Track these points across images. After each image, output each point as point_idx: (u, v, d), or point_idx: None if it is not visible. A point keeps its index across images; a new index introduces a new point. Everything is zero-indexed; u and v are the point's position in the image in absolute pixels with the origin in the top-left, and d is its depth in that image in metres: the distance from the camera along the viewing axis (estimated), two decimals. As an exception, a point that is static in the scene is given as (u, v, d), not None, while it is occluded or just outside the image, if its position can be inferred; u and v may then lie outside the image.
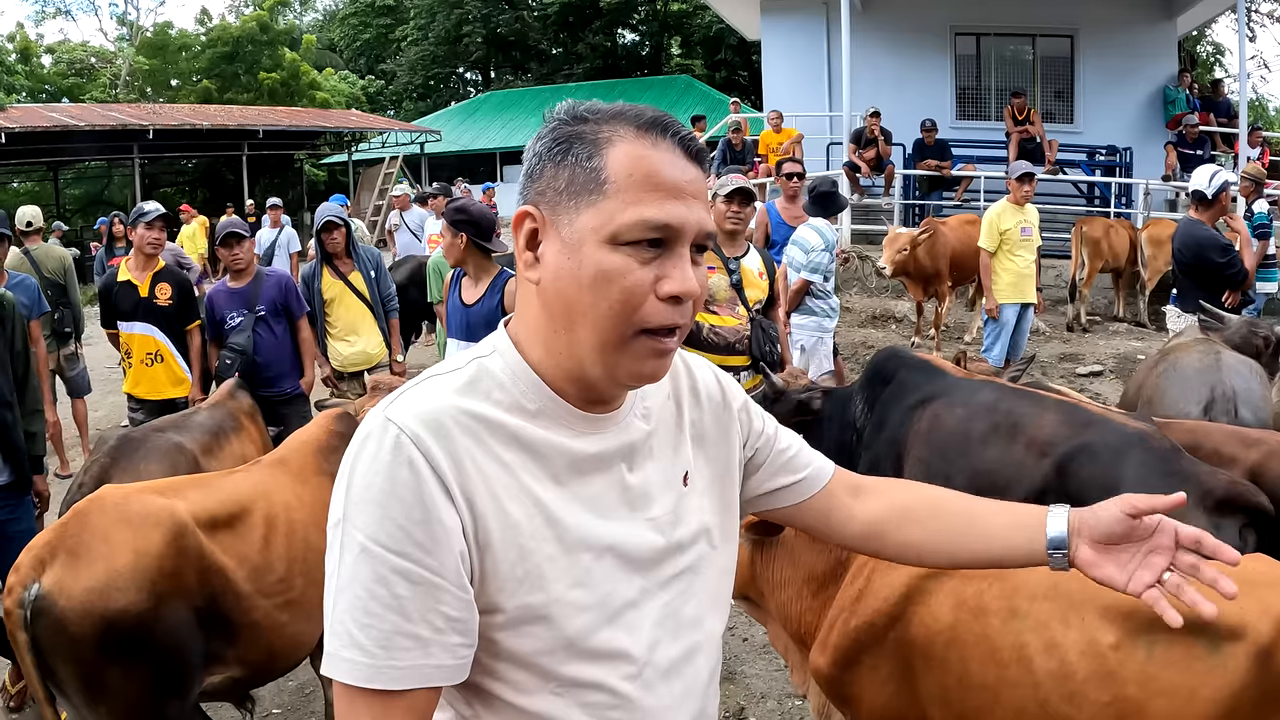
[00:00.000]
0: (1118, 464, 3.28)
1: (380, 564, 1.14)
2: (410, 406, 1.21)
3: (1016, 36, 16.48)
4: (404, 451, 1.16)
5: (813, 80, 16.55)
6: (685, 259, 1.22)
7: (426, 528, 1.15)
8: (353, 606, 1.14)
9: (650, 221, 1.19)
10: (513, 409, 1.26)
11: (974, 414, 3.77)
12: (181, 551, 3.10)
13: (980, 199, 14.20)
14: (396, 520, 1.14)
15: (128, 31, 42.75)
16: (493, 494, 1.20)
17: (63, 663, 2.95)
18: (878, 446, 4.10)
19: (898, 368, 4.23)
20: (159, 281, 5.98)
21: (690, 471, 1.43)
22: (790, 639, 2.98)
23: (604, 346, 1.22)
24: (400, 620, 1.14)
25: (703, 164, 1.27)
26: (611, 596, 1.27)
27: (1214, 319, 5.62)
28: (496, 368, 1.29)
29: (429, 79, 42.03)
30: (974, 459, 3.66)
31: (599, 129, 1.24)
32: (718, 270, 5.09)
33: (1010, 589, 2.38)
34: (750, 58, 31.85)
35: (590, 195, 1.21)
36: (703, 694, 1.41)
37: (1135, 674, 2.17)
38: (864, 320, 12.69)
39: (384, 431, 1.18)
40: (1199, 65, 28.66)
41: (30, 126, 23.89)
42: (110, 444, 4.38)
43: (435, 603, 1.15)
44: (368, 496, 1.15)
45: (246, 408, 5.04)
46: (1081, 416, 3.56)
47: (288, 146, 31.58)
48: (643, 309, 1.20)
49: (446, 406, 1.22)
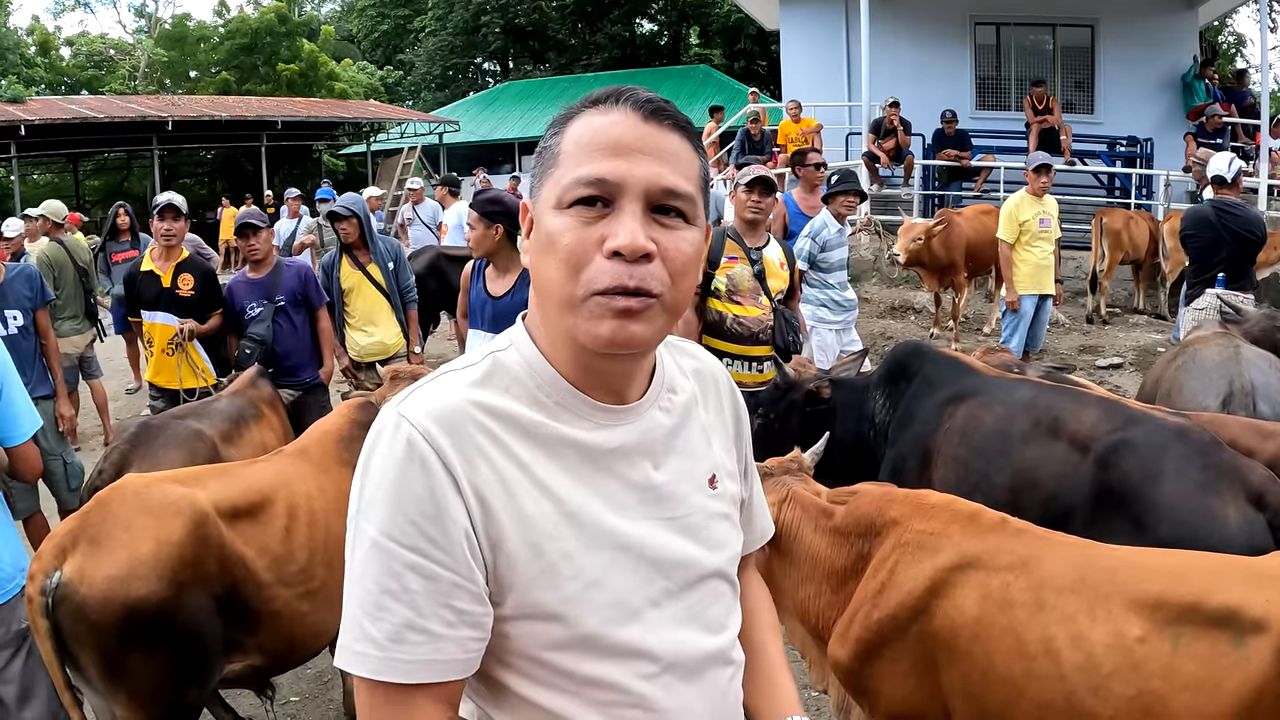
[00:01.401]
0: (1159, 457, 3.26)
1: (392, 558, 1.15)
2: (424, 403, 1.21)
3: (1036, 26, 16.35)
4: (416, 448, 1.17)
5: (832, 70, 16.46)
6: (628, 214, 1.19)
7: (438, 523, 1.15)
8: (364, 600, 1.16)
9: (584, 178, 1.19)
10: (530, 403, 1.26)
11: (1013, 412, 3.71)
12: (203, 540, 3.11)
13: (1000, 189, 14.13)
14: (409, 515, 1.15)
15: (146, 23, 42.97)
16: (507, 491, 1.20)
17: (83, 650, 2.97)
18: (902, 444, 4.05)
19: (922, 363, 4.17)
20: (181, 272, 5.99)
21: (719, 475, 1.41)
22: (808, 634, 2.97)
23: (562, 312, 1.22)
24: (412, 614, 1.15)
25: (665, 121, 1.24)
26: (630, 596, 1.26)
27: (1233, 311, 5.58)
28: (512, 361, 1.28)
29: (447, 69, 42.02)
30: (1015, 458, 3.61)
31: (569, 113, 1.26)
32: (740, 260, 5.10)
33: (1036, 582, 2.37)
34: (769, 47, 31.72)
35: (548, 171, 1.25)
36: (724, 697, 1.38)
37: (1161, 667, 2.16)
38: (883, 311, 12.64)
39: (397, 428, 1.19)
40: (1220, 56, 28.41)
41: (50, 119, 24.04)
42: (130, 431, 4.41)
43: (447, 597, 1.16)
44: (380, 492, 1.16)
45: (267, 396, 5.06)
46: (1121, 412, 3.53)
47: (306, 137, 31.68)
48: (588, 269, 1.18)
49: (460, 402, 1.22)
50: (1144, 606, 2.23)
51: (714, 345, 5.16)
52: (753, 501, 1.59)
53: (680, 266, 1.22)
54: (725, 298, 5.11)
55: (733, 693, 1.40)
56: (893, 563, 2.61)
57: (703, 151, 1.31)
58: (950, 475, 3.79)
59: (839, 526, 2.82)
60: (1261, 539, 2.96)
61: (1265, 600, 2.14)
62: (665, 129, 1.23)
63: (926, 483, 3.85)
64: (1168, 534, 3.06)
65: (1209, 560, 2.43)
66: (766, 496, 2.93)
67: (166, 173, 29.95)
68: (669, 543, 1.31)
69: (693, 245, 1.24)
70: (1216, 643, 2.14)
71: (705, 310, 5.15)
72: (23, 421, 3.21)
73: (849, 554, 2.77)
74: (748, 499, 1.56)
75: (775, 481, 3.02)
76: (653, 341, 1.24)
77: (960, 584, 2.47)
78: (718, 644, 1.36)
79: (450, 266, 9.58)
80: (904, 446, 4.05)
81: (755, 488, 1.60)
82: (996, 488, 3.60)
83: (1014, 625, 2.35)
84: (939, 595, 2.49)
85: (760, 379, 5.18)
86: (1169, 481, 3.18)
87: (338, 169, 35.75)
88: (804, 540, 2.86)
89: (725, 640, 1.38)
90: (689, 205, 1.23)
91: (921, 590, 2.52)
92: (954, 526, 2.58)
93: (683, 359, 1.46)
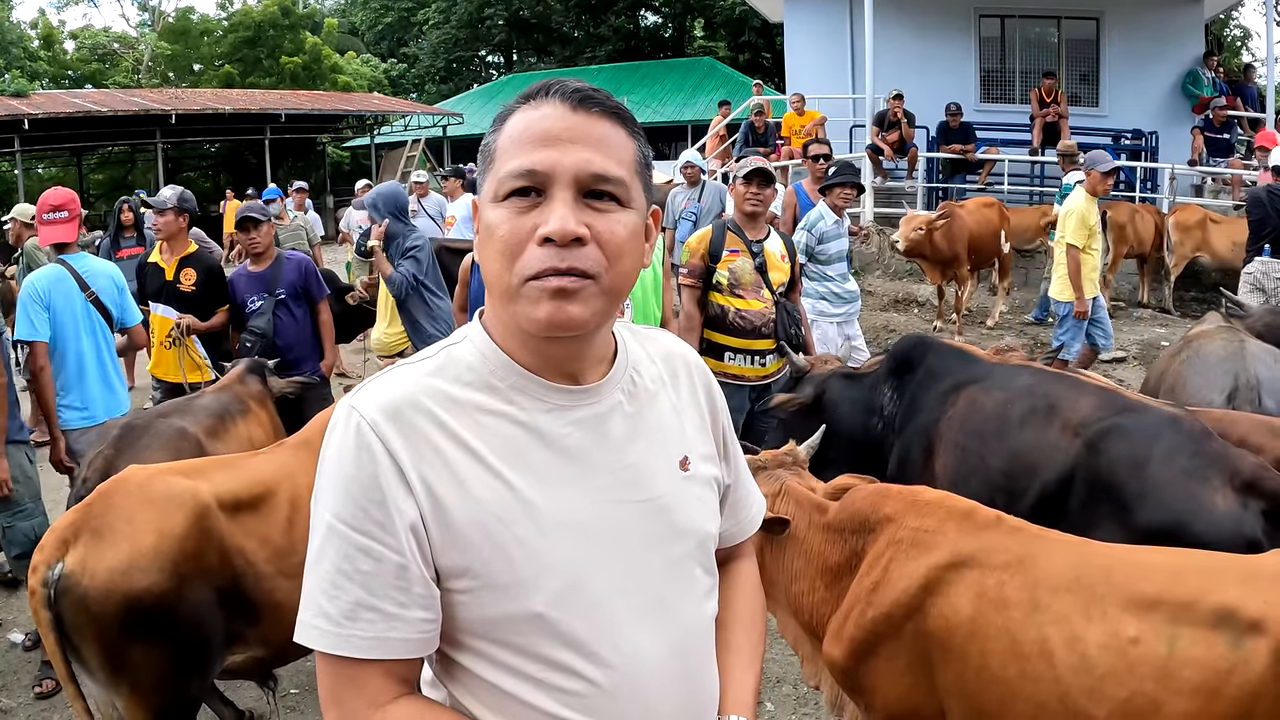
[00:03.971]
0: (1149, 444, 3.28)
1: (344, 541, 1.22)
2: (374, 395, 1.27)
3: (1041, 19, 16.28)
4: (364, 438, 1.23)
5: (836, 62, 16.43)
6: (559, 201, 1.22)
7: (383, 509, 1.21)
8: (321, 578, 1.23)
9: (514, 170, 1.24)
10: (482, 388, 1.29)
11: (1012, 397, 3.75)
12: (204, 533, 3.12)
13: (1004, 182, 14.11)
14: (357, 501, 1.22)
15: (149, 17, 42.89)
16: (456, 477, 1.24)
17: (85, 641, 2.99)
18: (909, 435, 4.08)
19: (926, 353, 4.19)
20: (185, 266, 6.00)
21: (691, 457, 1.41)
22: (801, 630, 2.97)
23: (504, 301, 1.26)
24: (364, 594, 1.21)
25: (594, 109, 1.27)
26: (589, 580, 1.27)
27: (1237, 306, 5.58)
28: (466, 352, 1.32)
29: (451, 62, 41.97)
30: (1010, 441, 3.64)
31: (505, 111, 1.30)
32: (742, 253, 5.08)
33: (1032, 581, 2.36)
34: (774, 40, 31.64)
35: (488, 168, 1.29)
36: (694, 681, 1.39)
37: (1156, 669, 2.15)
38: (886, 304, 12.62)
39: (348, 419, 1.25)
40: (1226, 49, 28.30)
41: (54, 112, 24.05)
42: (114, 433, 4.35)
43: (396, 579, 1.22)
44: (334, 479, 1.24)
45: (255, 391, 4.92)
46: (1117, 400, 3.55)
47: (310, 130, 31.66)
48: (523, 257, 1.22)
49: (410, 392, 1.27)
50: (1140, 606, 2.22)
51: (716, 339, 5.15)
52: (738, 487, 1.59)
53: (615, 249, 1.25)
54: (727, 291, 5.10)
55: (699, 677, 1.40)
56: (887, 560, 2.60)
57: (639, 135, 1.33)
58: (950, 460, 3.82)
59: (833, 522, 2.81)
60: (1251, 528, 2.98)
61: (1263, 601, 2.12)
62: (595, 116, 1.27)
63: (930, 471, 3.89)
64: (1155, 519, 3.10)
65: (1206, 560, 2.42)
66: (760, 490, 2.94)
67: (170, 166, 29.96)
68: (634, 525, 1.32)
69: (627, 228, 1.27)
70: (1213, 644, 2.12)
71: (707, 304, 5.14)
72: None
73: (843, 550, 2.76)
74: (732, 484, 1.56)
75: (769, 475, 3.01)
76: (592, 322, 1.26)
77: (955, 582, 2.46)
78: (684, 628, 1.37)
79: (451, 259, 9.53)
80: (910, 436, 4.07)
81: (742, 474, 1.61)
82: (993, 471, 3.65)
83: (1009, 625, 2.34)
84: (933, 594, 2.48)
85: (763, 373, 5.17)
86: (1157, 467, 3.21)
87: (342, 162, 35.75)
88: (797, 535, 2.86)
89: (693, 624, 1.39)
90: (621, 189, 1.26)
91: (916, 588, 2.50)
92: (949, 524, 2.56)
93: (649, 344, 1.48)
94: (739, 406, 5.14)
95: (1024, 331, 11.35)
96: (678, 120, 29.58)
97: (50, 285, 4.95)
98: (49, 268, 5.09)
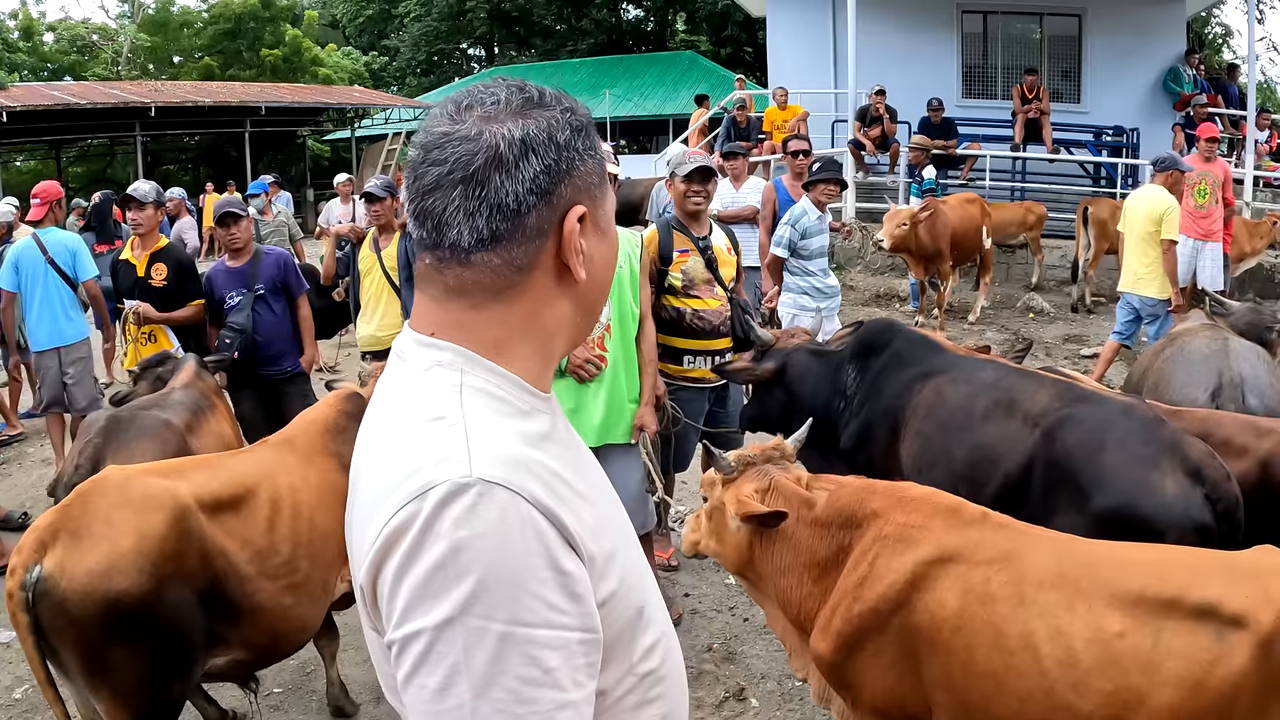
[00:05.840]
0: (1101, 432, 3.38)
1: (528, 645, 1.04)
2: (487, 454, 1.08)
3: (1023, 15, 16.36)
4: (520, 511, 1.06)
5: (818, 57, 16.44)
6: None
7: (561, 584, 1.07)
8: (506, 701, 1.03)
9: None
10: (515, 414, 1.18)
11: (977, 390, 3.82)
12: (184, 534, 3.09)
13: (986, 178, 14.14)
14: (534, 592, 1.04)
15: (129, 8, 42.48)
16: (576, 515, 1.12)
17: (65, 644, 2.95)
18: (871, 416, 4.13)
19: (893, 338, 4.24)
20: (155, 262, 5.98)
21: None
22: (789, 623, 2.97)
23: (556, 339, 1.28)
24: (556, 694, 1.05)
25: None
26: (638, 563, 1.28)
27: (1219, 305, 5.61)
28: (479, 384, 1.17)
29: (432, 55, 41.77)
30: (974, 434, 3.72)
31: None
32: (692, 253, 4.98)
33: (1017, 576, 2.38)
34: (756, 34, 31.60)
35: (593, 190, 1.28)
36: None
37: (1141, 663, 2.18)
38: (868, 299, 12.65)
39: (484, 495, 1.05)
40: (1207, 46, 28.46)
41: (32, 105, 23.81)
42: (100, 424, 4.36)
43: (579, 657, 1.08)
44: (500, 578, 1.03)
45: (214, 387, 5.06)
46: (1074, 392, 3.64)
47: (290, 123, 31.45)
48: None
49: (512, 442, 1.12)
50: (1125, 601, 2.24)
51: (675, 344, 5.01)
52: None
53: None
54: (682, 293, 4.97)
55: None
56: (873, 555, 2.61)
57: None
58: (914, 448, 3.91)
59: (820, 517, 2.81)
60: (1198, 511, 3.09)
61: (1244, 595, 2.16)
62: None
63: (894, 456, 3.99)
64: (1109, 503, 3.20)
65: (1190, 555, 2.45)
66: (748, 485, 2.94)
67: (150, 159, 29.73)
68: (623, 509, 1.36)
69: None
70: (1197, 638, 2.16)
71: (661, 308, 4.96)
72: None
73: (830, 545, 2.77)
74: None
75: (757, 470, 3.01)
76: None
77: (941, 578, 2.48)
78: None
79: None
80: (872, 418, 4.13)
81: None
82: (956, 460, 3.73)
83: (995, 620, 2.36)
84: (920, 589, 2.50)
85: None
86: (1110, 453, 3.30)
87: (322, 155, 35.55)
88: (785, 530, 2.86)
89: None
90: None
91: (902, 584, 2.52)
92: (935, 520, 2.58)
93: None
94: (699, 410, 5.10)
95: (1005, 326, 11.39)
96: (659, 114, 29.55)
97: (19, 250, 6.88)
98: (24, 239, 6.97)
